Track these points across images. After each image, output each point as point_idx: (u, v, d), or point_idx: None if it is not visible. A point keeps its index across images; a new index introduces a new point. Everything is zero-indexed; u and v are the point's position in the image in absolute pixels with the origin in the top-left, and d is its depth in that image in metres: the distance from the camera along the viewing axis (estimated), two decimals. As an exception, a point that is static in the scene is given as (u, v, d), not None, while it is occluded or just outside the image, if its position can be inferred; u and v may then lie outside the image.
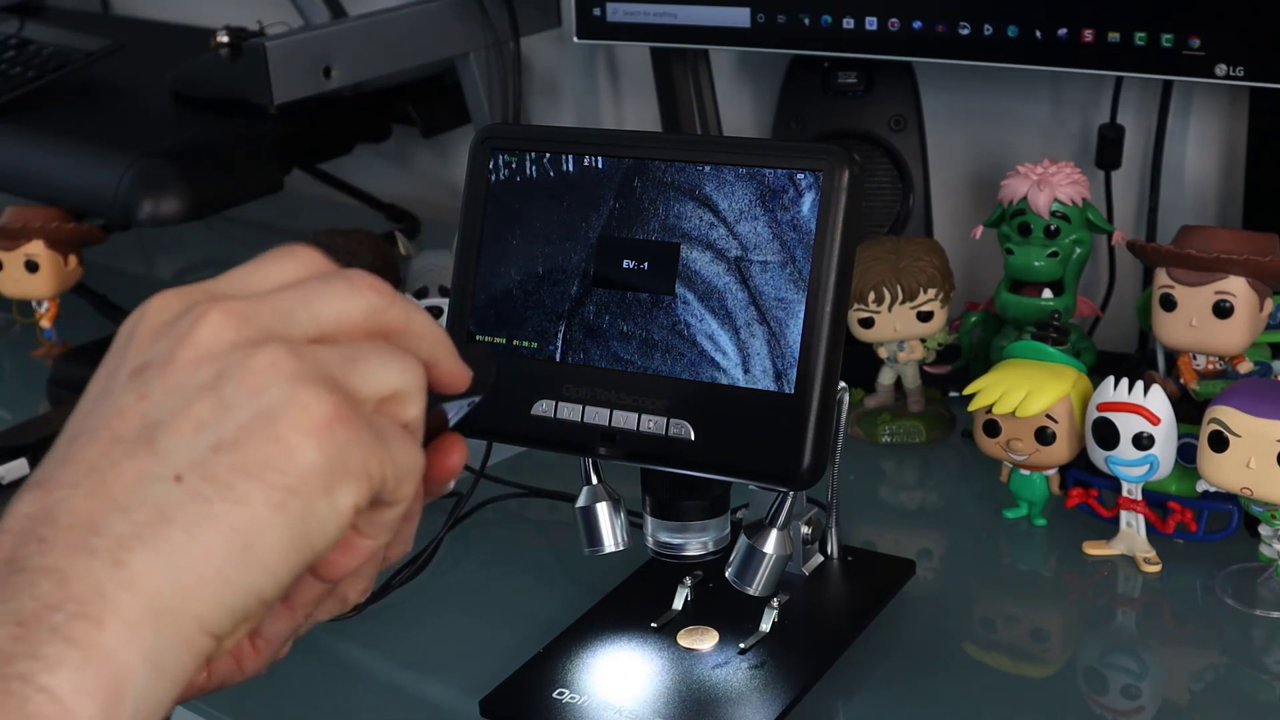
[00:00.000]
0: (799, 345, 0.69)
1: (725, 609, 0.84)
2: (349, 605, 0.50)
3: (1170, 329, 0.97)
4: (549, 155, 0.76)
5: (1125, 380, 0.89)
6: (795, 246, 0.70)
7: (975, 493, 1.02)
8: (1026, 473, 0.96)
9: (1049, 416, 0.92)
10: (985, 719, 0.80)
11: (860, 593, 0.88)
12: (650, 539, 0.79)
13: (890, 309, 1.05)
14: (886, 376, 1.11)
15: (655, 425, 0.71)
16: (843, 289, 0.69)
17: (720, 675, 0.80)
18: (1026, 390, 0.91)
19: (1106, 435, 0.89)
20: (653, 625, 0.84)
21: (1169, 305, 0.96)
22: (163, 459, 0.40)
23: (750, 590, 0.77)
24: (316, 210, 1.67)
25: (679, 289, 0.72)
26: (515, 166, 0.76)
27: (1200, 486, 0.87)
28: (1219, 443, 0.84)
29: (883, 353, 1.09)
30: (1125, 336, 1.21)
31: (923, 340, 1.08)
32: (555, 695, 0.78)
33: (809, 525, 0.87)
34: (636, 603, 0.86)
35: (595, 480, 0.81)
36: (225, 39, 1.46)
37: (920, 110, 1.24)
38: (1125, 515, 0.92)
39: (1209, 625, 0.86)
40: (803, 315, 0.69)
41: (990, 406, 0.93)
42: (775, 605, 0.83)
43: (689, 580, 0.86)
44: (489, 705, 0.79)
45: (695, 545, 0.78)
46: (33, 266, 1.30)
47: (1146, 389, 0.88)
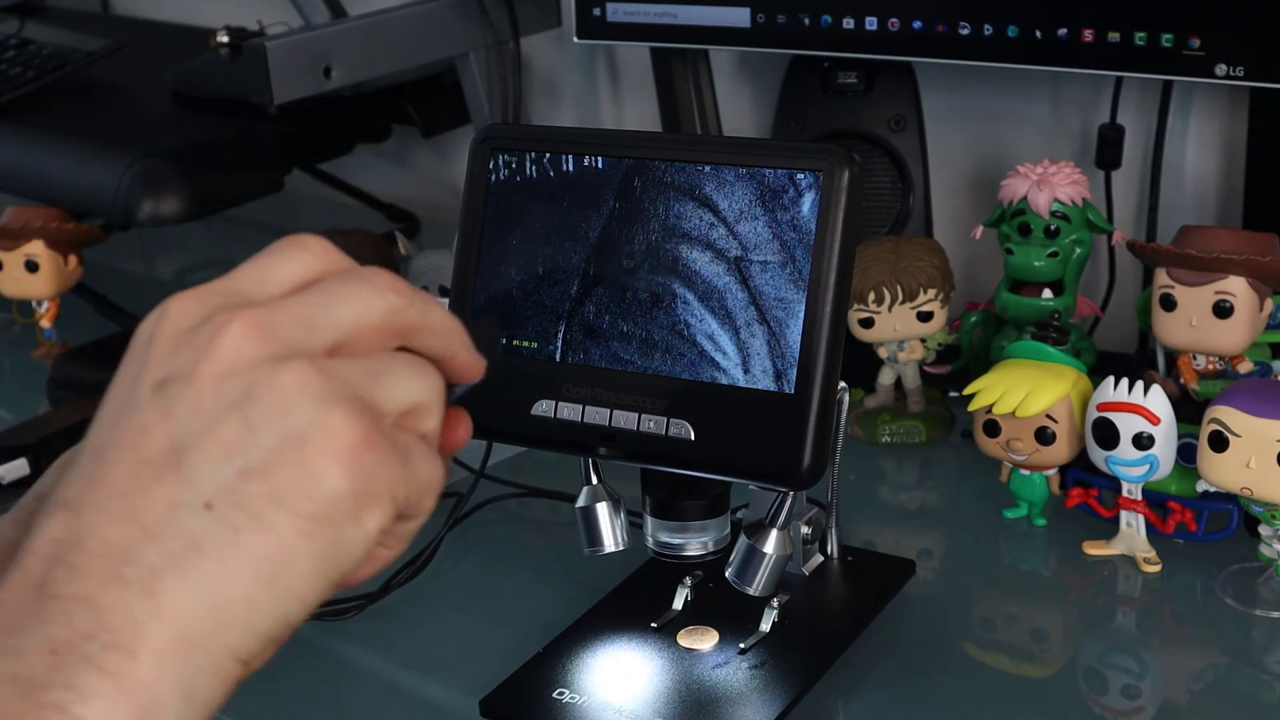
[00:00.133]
0: (799, 345, 0.69)
1: (725, 609, 0.84)
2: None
3: (1170, 329, 0.97)
4: (549, 155, 0.76)
5: (1125, 380, 0.89)
6: (795, 246, 0.70)
7: (975, 493, 1.02)
8: (1026, 473, 0.96)
9: (1049, 416, 0.92)
10: (985, 719, 0.80)
11: (860, 593, 0.88)
12: (650, 539, 0.79)
13: (890, 309, 1.05)
14: (886, 376, 1.11)
15: (655, 425, 0.71)
16: (843, 289, 0.69)
17: (720, 675, 0.80)
18: (1026, 390, 0.91)
19: (1106, 435, 0.89)
20: (653, 625, 0.84)
21: (1169, 305, 0.96)
22: (192, 485, 0.40)
23: (750, 590, 0.77)
24: (316, 210, 1.67)
25: (679, 289, 0.72)
26: (515, 166, 0.76)
27: (1200, 486, 0.87)
28: (1219, 443, 0.84)
29: (883, 353, 1.09)
30: (1125, 336, 1.21)
31: (923, 340, 1.08)
32: (555, 695, 0.78)
33: (809, 525, 0.87)
34: (636, 603, 0.86)
35: (595, 480, 0.81)
36: (225, 39, 1.46)
37: (920, 110, 1.24)
38: (1125, 515, 0.92)
39: (1209, 625, 0.86)
40: (803, 315, 0.69)
41: (990, 406, 0.93)
42: (775, 605, 0.83)
43: (689, 580, 0.86)
44: (489, 705, 0.79)
45: (695, 545, 0.78)
46: (33, 266, 1.30)
47: (1146, 389, 0.88)
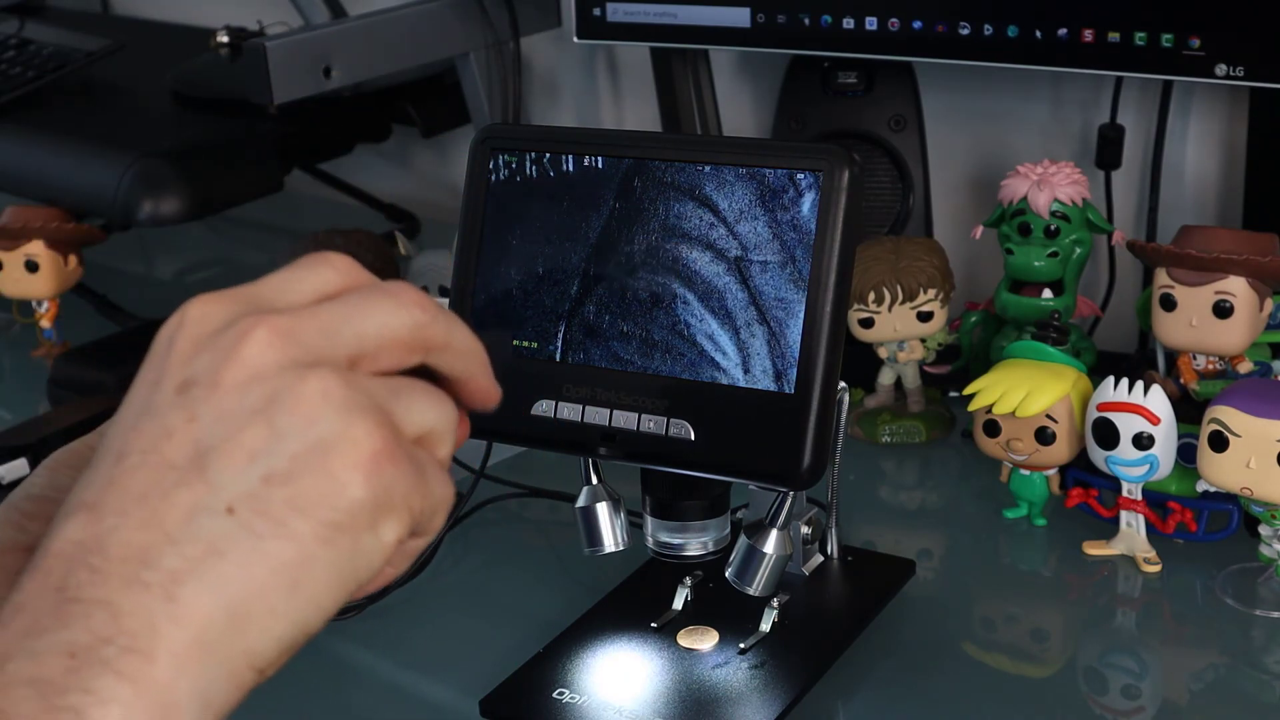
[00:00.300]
0: (799, 345, 0.69)
1: (725, 609, 0.84)
2: None
3: (1170, 329, 0.97)
4: (549, 155, 0.76)
5: (1125, 380, 0.89)
6: (795, 246, 0.70)
7: (975, 493, 1.02)
8: (1026, 473, 0.96)
9: (1049, 416, 0.92)
10: (985, 719, 0.80)
11: (860, 593, 0.88)
12: (650, 539, 0.79)
13: (890, 309, 1.05)
14: (886, 376, 1.11)
15: (655, 425, 0.71)
16: (843, 289, 0.69)
17: (720, 675, 0.80)
18: (1026, 390, 0.91)
19: (1106, 435, 0.89)
20: (653, 625, 0.84)
21: (1169, 305, 0.96)
22: (214, 490, 0.40)
23: (750, 590, 0.77)
24: (316, 210, 1.67)
25: (679, 289, 0.72)
26: (515, 166, 0.76)
27: (1200, 486, 0.87)
28: (1219, 443, 0.84)
29: (883, 353, 1.09)
30: (1125, 336, 1.21)
31: (923, 340, 1.08)
32: (555, 695, 0.78)
33: (809, 525, 0.87)
34: (636, 603, 0.86)
35: (595, 480, 0.81)
36: (225, 39, 1.46)
37: (920, 110, 1.24)
38: (1125, 515, 0.92)
39: (1209, 625, 0.86)
40: (803, 315, 0.69)
41: (990, 406, 0.93)
42: (775, 605, 0.83)
43: (689, 580, 0.86)
44: (489, 705, 0.79)
45: (695, 545, 0.78)
46: (33, 266, 1.30)
47: (1146, 389, 0.88)
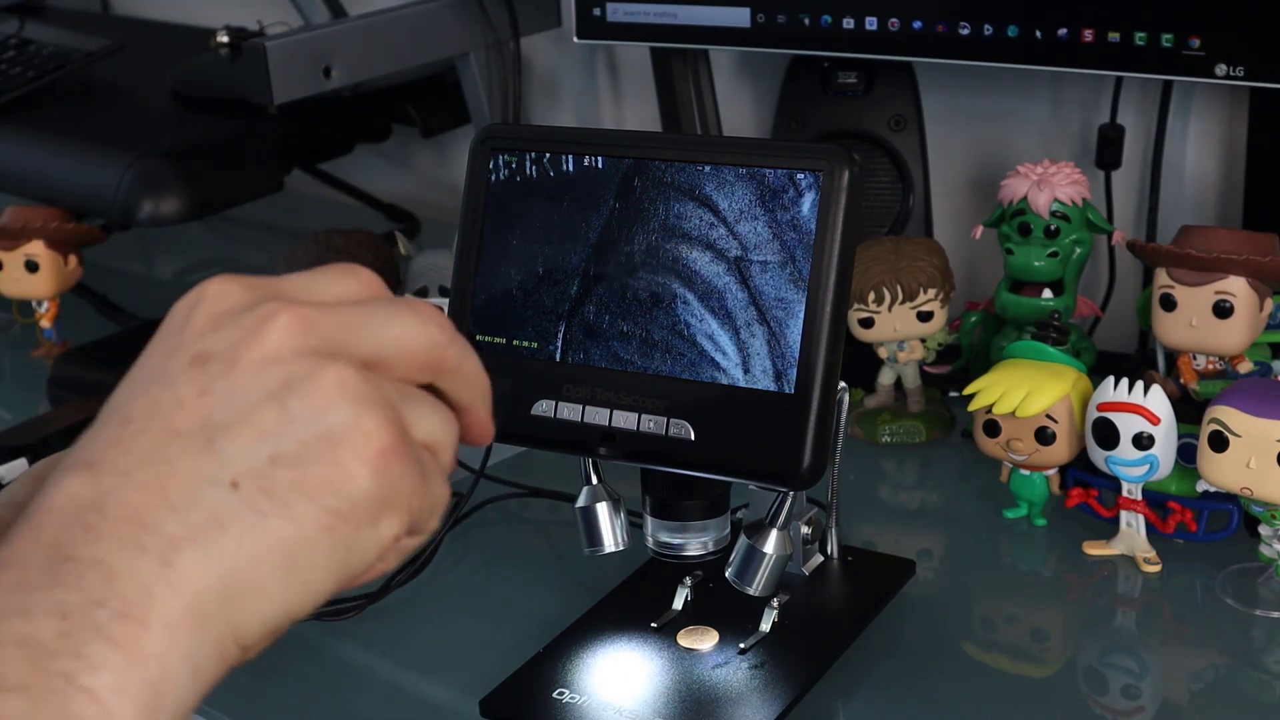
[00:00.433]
0: (799, 345, 0.69)
1: (725, 609, 0.84)
2: None
3: (1170, 329, 0.97)
4: (549, 155, 0.76)
5: (1125, 380, 0.89)
6: (795, 246, 0.70)
7: (975, 493, 1.02)
8: (1026, 473, 0.96)
9: (1049, 416, 0.92)
10: (985, 719, 0.80)
11: (860, 593, 0.88)
12: (650, 539, 0.79)
13: (890, 309, 1.05)
14: (886, 376, 1.11)
15: (655, 425, 0.71)
16: (843, 289, 0.69)
17: (720, 675, 0.80)
18: (1026, 390, 0.91)
19: (1106, 435, 0.89)
20: (653, 625, 0.84)
21: (1169, 305, 0.96)
22: (221, 462, 0.40)
23: (750, 590, 0.77)
24: (316, 210, 1.67)
25: (679, 289, 0.72)
26: (515, 166, 0.76)
27: (1200, 486, 0.87)
28: (1219, 443, 0.84)
29: (883, 353, 1.09)
30: (1125, 336, 1.21)
31: (923, 340, 1.08)
32: (555, 695, 0.78)
33: (809, 525, 0.87)
34: (636, 603, 0.86)
35: (595, 480, 0.81)
36: (225, 39, 1.46)
37: (920, 110, 1.24)
38: (1125, 515, 0.92)
39: (1209, 625, 0.86)
40: (803, 315, 0.69)
41: (990, 406, 0.93)
42: (775, 605, 0.83)
43: (689, 580, 0.86)
44: (489, 705, 0.79)
45: (695, 545, 0.78)
46: (33, 266, 1.30)
47: (1146, 389, 0.88)
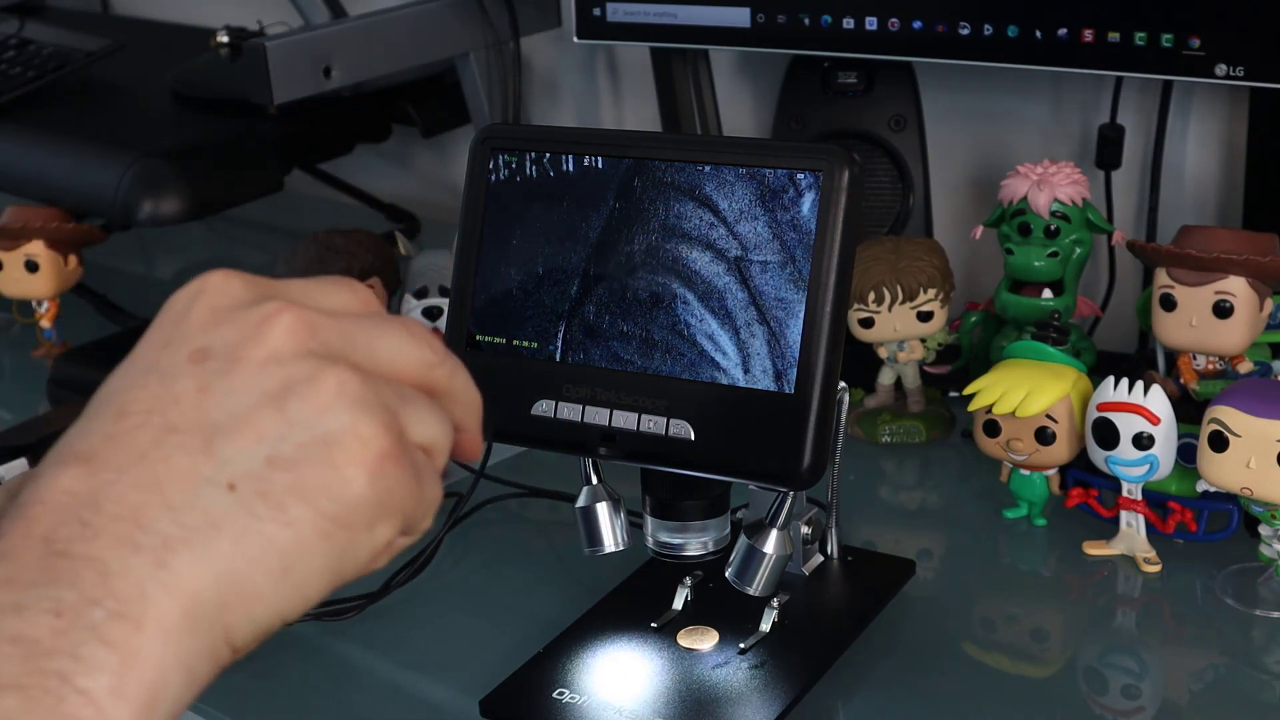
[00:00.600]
0: (799, 345, 0.69)
1: (725, 609, 0.84)
2: None
3: (1170, 329, 0.97)
4: (549, 155, 0.76)
5: (1125, 380, 0.89)
6: (795, 246, 0.70)
7: (975, 493, 1.02)
8: (1026, 473, 0.96)
9: (1049, 416, 0.92)
10: (985, 719, 0.80)
11: (860, 593, 0.88)
12: (650, 539, 0.79)
13: (890, 309, 1.05)
14: (886, 376, 1.11)
15: (655, 425, 0.71)
16: (843, 289, 0.69)
17: (720, 675, 0.80)
18: (1026, 390, 0.91)
19: (1106, 435, 0.89)
20: (653, 625, 0.84)
21: (1169, 305, 0.96)
22: (218, 464, 0.40)
23: (750, 590, 0.77)
24: (316, 210, 1.67)
25: (679, 289, 0.72)
26: (515, 166, 0.76)
27: (1200, 486, 0.87)
28: (1219, 443, 0.84)
29: (883, 353, 1.09)
30: (1125, 336, 1.21)
31: (923, 340, 1.08)
32: (555, 695, 0.78)
33: (809, 525, 0.87)
34: (636, 603, 0.86)
35: (595, 480, 0.81)
36: (225, 39, 1.46)
37: (920, 110, 1.24)
38: (1125, 515, 0.92)
39: (1209, 625, 0.86)
40: (803, 315, 0.69)
41: (990, 406, 0.93)
42: (775, 605, 0.83)
43: (689, 580, 0.86)
44: (489, 705, 0.79)
45: (695, 545, 0.78)
46: (33, 266, 1.30)
47: (1146, 389, 0.88)
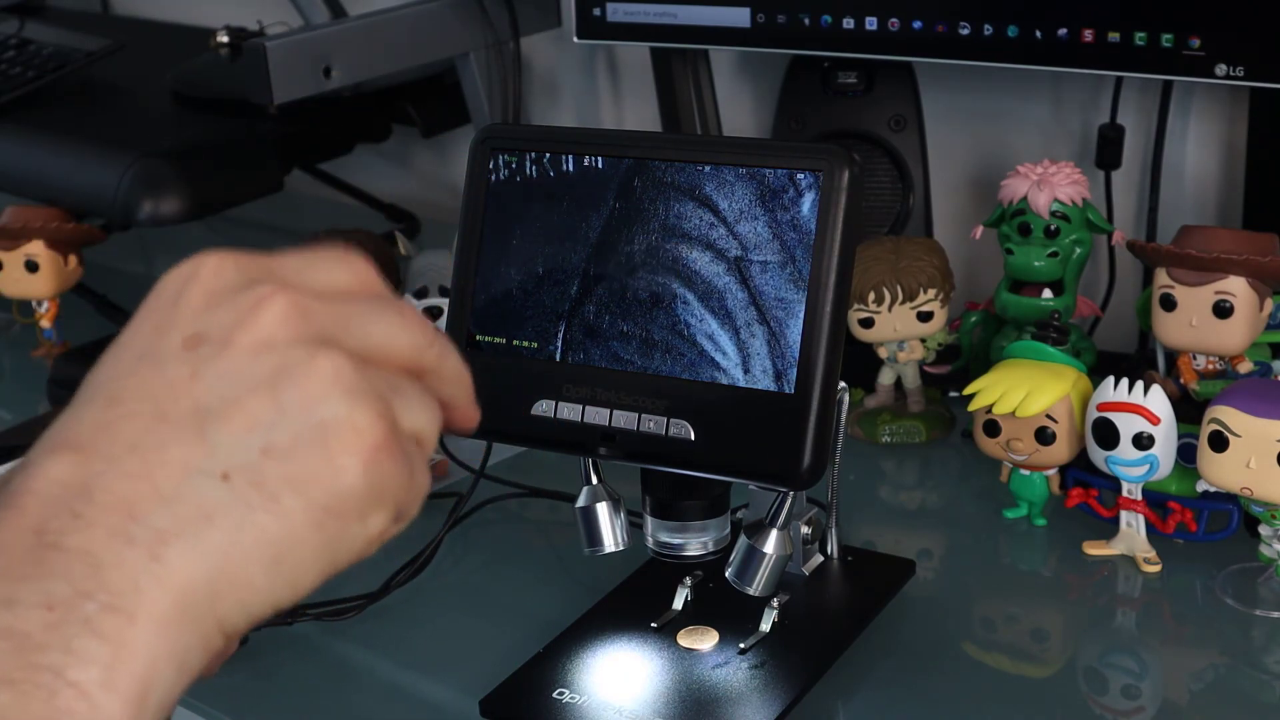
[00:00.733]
0: (799, 345, 0.69)
1: (725, 609, 0.84)
2: None
3: (1170, 329, 0.97)
4: (549, 155, 0.76)
5: (1125, 380, 0.89)
6: (795, 246, 0.70)
7: (975, 493, 1.02)
8: (1026, 473, 0.96)
9: (1049, 416, 0.92)
10: (985, 719, 0.80)
11: (860, 593, 0.88)
12: (650, 539, 0.79)
13: (890, 309, 1.05)
14: (886, 376, 1.11)
15: (655, 425, 0.71)
16: (843, 289, 0.69)
17: (720, 675, 0.80)
18: (1026, 390, 0.91)
19: (1106, 435, 0.89)
20: (653, 625, 0.84)
21: (1169, 305, 0.96)
22: (211, 453, 0.40)
23: (750, 590, 0.77)
24: (316, 210, 1.66)
25: (679, 289, 0.72)
26: (515, 166, 0.76)
27: (1200, 486, 0.87)
28: (1219, 443, 0.84)
29: (883, 353, 1.09)
30: (1125, 336, 1.21)
31: (923, 340, 1.08)
32: (555, 695, 0.78)
33: (809, 525, 0.87)
34: (636, 603, 0.86)
35: (595, 480, 0.81)
36: (225, 39, 1.46)
37: (920, 110, 1.24)
38: (1125, 515, 0.92)
39: (1209, 625, 0.86)
40: (803, 315, 0.69)
41: (990, 406, 0.93)
42: (775, 605, 0.83)
43: (689, 580, 0.86)
44: (489, 705, 0.79)
45: (695, 545, 0.78)
46: (33, 266, 1.30)
47: (1146, 389, 0.88)
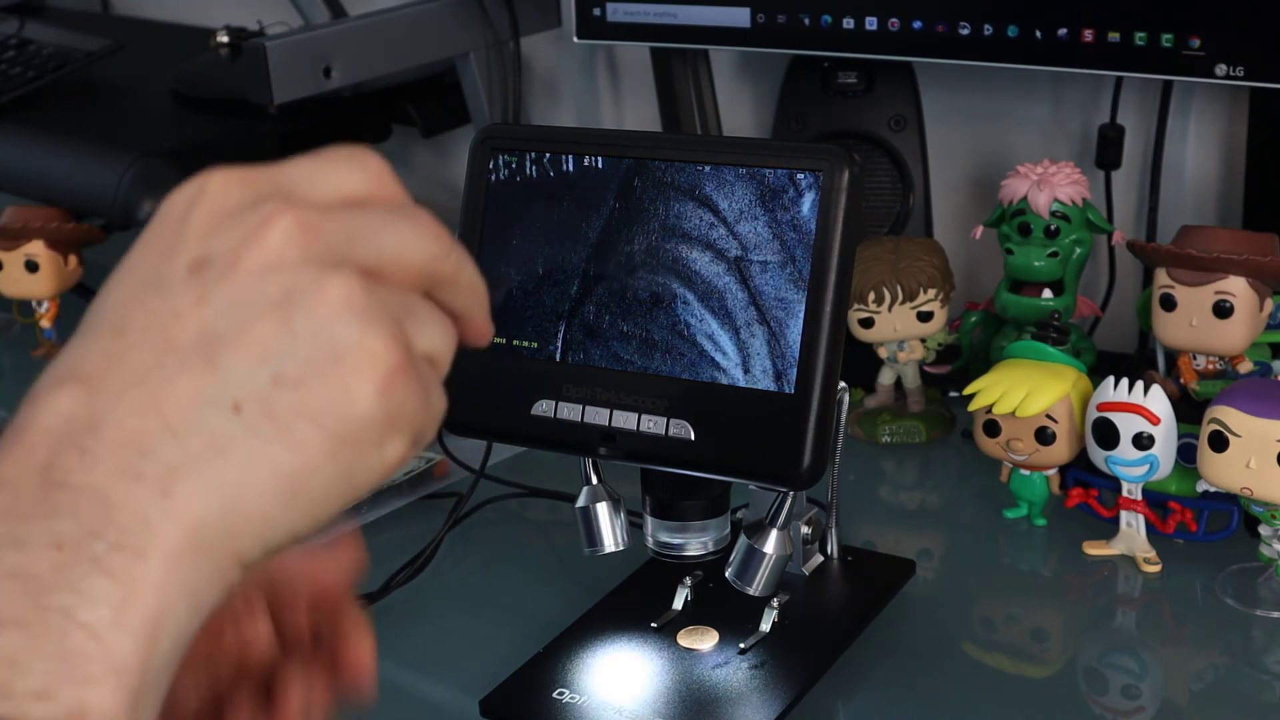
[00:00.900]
0: (799, 345, 0.69)
1: (725, 609, 0.84)
2: None
3: (1170, 329, 0.97)
4: (549, 155, 0.76)
5: (1125, 380, 0.89)
6: (795, 246, 0.70)
7: (975, 493, 1.02)
8: (1026, 473, 0.96)
9: (1049, 416, 0.92)
10: (985, 719, 0.80)
11: (860, 593, 0.88)
12: (650, 539, 0.79)
13: (890, 309, 1.05)
14: (886, 376, 1.11)
15: (655, 425, 0.71)
16: (843, 289, 0.69)
17: (720, 675, 0.80)
18: (1026, 390, 0.91)
19: (1106, 435, 0.89)
20: (653, 625, 0.84)
21: (1169, 305, 0.96)
22: (222, 382, 0.39)
23: (750, 590, 0.77)
24: (316, 210, 1.66)
25: (679, 289, 0.72)
26: (515, 166, 0.76)
27: (1200, 486, 0.87)
28: (1219, 443, 0.84)
29: (883, 353, 1.09)
30: (1125, 336, 1.21)
31: (923, 340, 1.08)
32: (555, 695, 0.78)
33: (809, 525, 0.87)
34: (636, 603, 0.86)
35: (595, 480, 0.81)
36: (225, 39, 1.46)
37: (920, 110, 1.24)
38: (1125, 515, 0.92)
39: (1209, 625, 0.86)
40: (803, 315, 0.69)
41: (990, 406, 0.93)
42: (775, 605, 0.83)
43: (689, 580, 0.86)
44: (489, 705, 0.79)
45: (695, 545, 0.78)
46: (33, 266, 1.30)
47: (1146, 389, 0.88)
